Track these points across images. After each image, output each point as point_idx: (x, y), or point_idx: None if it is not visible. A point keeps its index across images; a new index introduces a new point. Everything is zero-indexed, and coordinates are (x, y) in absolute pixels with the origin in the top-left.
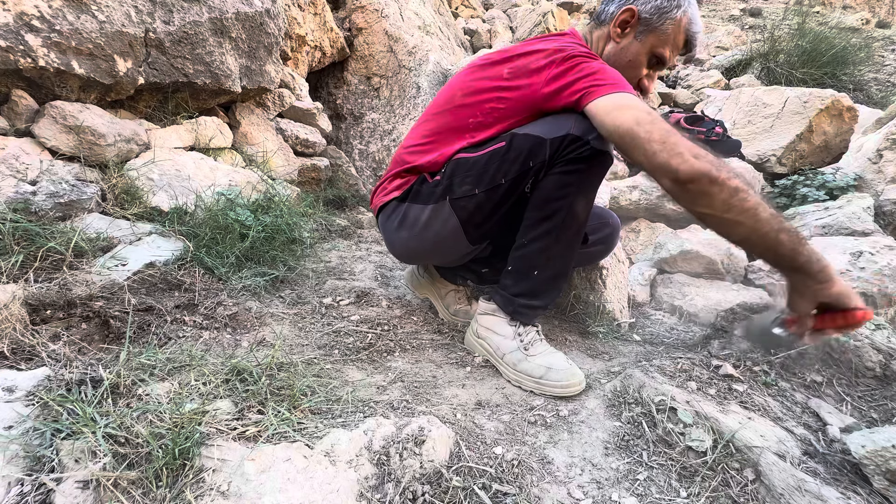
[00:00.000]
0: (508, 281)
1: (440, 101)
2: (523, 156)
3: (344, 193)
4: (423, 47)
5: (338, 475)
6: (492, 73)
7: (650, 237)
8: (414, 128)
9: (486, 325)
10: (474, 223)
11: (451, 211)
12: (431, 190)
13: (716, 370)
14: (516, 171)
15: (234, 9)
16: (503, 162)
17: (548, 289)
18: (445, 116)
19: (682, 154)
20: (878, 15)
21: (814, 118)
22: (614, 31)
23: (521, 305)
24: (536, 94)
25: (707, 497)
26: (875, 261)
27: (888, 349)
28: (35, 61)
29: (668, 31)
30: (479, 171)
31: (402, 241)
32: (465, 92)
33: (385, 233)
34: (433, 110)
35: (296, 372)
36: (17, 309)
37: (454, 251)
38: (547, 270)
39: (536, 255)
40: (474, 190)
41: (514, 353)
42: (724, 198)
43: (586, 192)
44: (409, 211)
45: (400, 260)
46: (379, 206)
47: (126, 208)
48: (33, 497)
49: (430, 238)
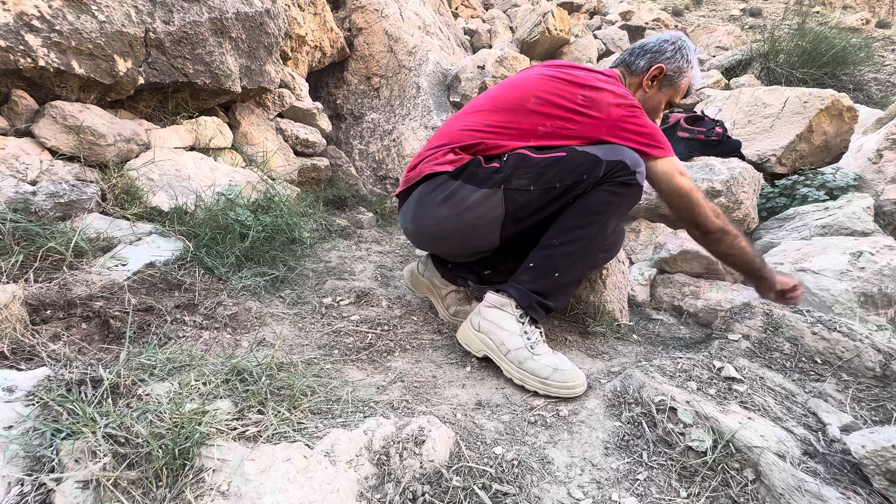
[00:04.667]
0: (526, 277)
1: (510, 98)
2: (581, 169)
3: (344, 193)
4: (423, 47)
5: (338, 475)
6: (567, 91)
7: (650, 237)
8: (472, 112)
9: (491, 319)
10: (516, 218)
11: (502, 199)
12: (489, 175)
13: (718, 372)
14: (571, 181)
15: (234, 9)
16: (562, 169)
17: (563, 293)
18: (516, 116)
19: (711, 217)
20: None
21: (814, 118)
22: (647, 82)
23: (536, 302)
24: (603, 128)
25: (707, 497)
26: (875, 261)
27: (888, 349)
28: (35, 61)
29: (682, 85)
30: (540, 170)
31: (440, 218)
32: (540, 100)
33: (420, 205)
34: (500, 104)
35: (296, 372)
36: (17, 309)
37: (478, 243)
38: (566, 276)
39: (562, 259)
40: (530, 186)
41: (521, 351)
42: (730, 241)
43: (620, 214)
44: (459, 189)
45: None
46: (426, 174)
47: (126, 208)
48: (33, 497)
49: (469, 221)
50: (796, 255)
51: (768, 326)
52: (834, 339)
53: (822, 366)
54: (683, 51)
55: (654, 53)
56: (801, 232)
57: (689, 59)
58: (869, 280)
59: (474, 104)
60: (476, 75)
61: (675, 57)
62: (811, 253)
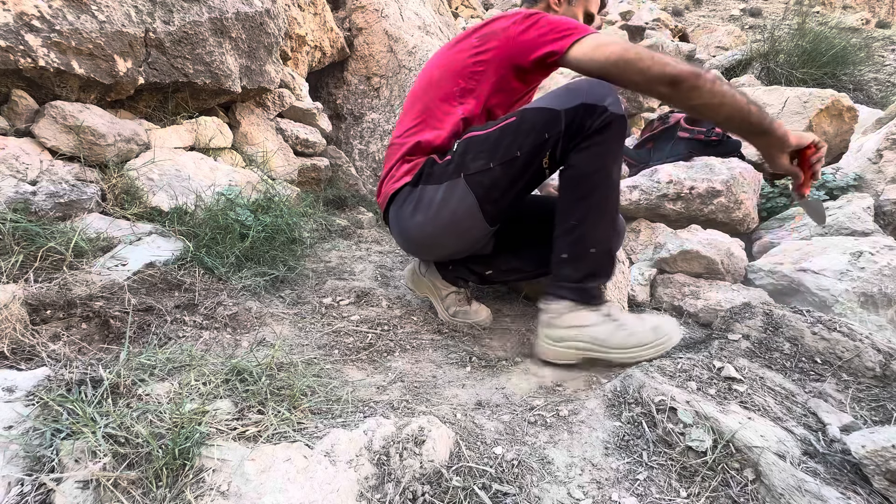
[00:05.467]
0: (568, 270)
1: (419, 87)
2: (538, 127)
3: (344, 193)
4: (423, 47)
5: (338, 475)
6: (462, 46)
7: (650, 237)
8: (400, 120)
9: (571, 324)
10: (491, 199)
11: (466, 187)
12: (444, 169)
13: (718, 372)
14: (532, 144)
15: (234, 9)
16: (517, 135)
17: (607, 261)
18: (429, 94)
19: (670, 63)
20: (878, 15)
21: (814, 118)
22: (553, 2)
23: (592, 288)
24: (513, 47)
25: (707, 497)
26: (875, 261)
27: (888, 349)
28: (35, 61)
29: None
30: (492, 144)
31: (418, 227)
32: (442, 69)
33: (399, 222)
34: (415, 96)
35: (296, 372)
36: (17, 309)
37: (470, 234)
38: (603, 244)
39: (591, 234)
40: (489, 164)
41: (616, 334)
42: (710, 87)
43: (616, 157)
44: (423, 193)
45: (413, 252)
46: (391, 194)
47: (126, 208)
48: (33, 497)
49: (447, 219)
50: (796, 255)
51: (768, 326)
52: (834, 339)
53: (822, 366)
54: None
55: None
56: (801, 232)
57: None
58: (869, 280)
59: (403, 107)
60: None
61: None
62: (811, 253)
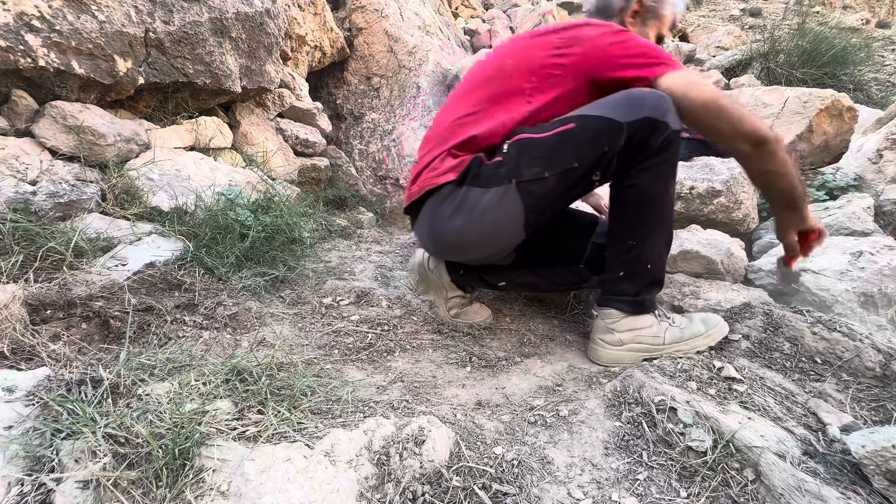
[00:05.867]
0: (625, 286)
1: (488, 69)
2: (599, 139)
3: (344, 193)
4: (423, 47)
5: (338, 475)
6: (541, 42)
7: None
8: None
9: (630, 327)
10: (538, 209)
11: (516, 195)
12: (493, 171)
13: (718, 372)
14: (591, 156)
15: (234, 9)
16: (576, 144)
17: (662, 272)
18: (498, 83)
19: (758, 121)
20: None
21: (814, 118)
22: (628, 20)
23: (647, 300)
24: (598, 58)
25: (707, 497)
26: (875, 261)
27: (888, 349)
28: (35, 61)
29: (667, 15)
30: (549, 152)
31: (455, 230)
32: (516, 61)
33: (433, 221)
34: (480, 79)
35: (296, 372)
36: (17, 309)
37: (505, 243)
38: (659, 260)
39: (649, 249)
40: (544, 173)
41: (670, 331)
42: (782, 156)
43: (675, 175)
44: (467, 195)
45: (435, 251)
46: (430, 189)
47: (126, 208)
48: (33, 497)
49: (488, 226)
50: None
51: (768, 326)
52: (834, 339)
53: (822, 366)
54: None
55: None
56: None
57: None
58: (869, 280)
59: (456, 90)
60: None
61: None
62: (811, 253)
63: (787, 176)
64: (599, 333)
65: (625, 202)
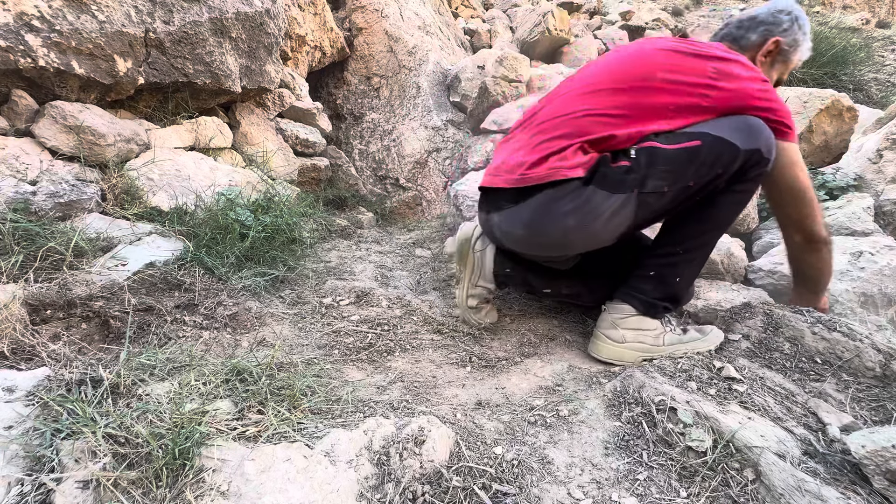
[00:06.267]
0: (648, 286)
1: (633, 74)
2: (719, 162)
3: (344, 193)
4: (423, 47)
5: (338, 475)
6: (694, 65)
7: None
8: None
9: (635, 327)
10: (641, 222)
11: (635, 205)
12: (621, 177)
13: (718, 372)
14: (707, 178)
15: (234, 9)
16: (699, 164)
17: (686, 294)
18: (644, 94)
19: (823, 226)
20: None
21: (814, 118)
22: (761, 58)
23: (663, 308)
24: (741, 100)
25: (707, 497)
26: (875, 261)
27: (888, 349)
28: (35, 61)
29: (794, 60)
30: (675, 168)
31: (563, 230)
32: (667, 76)
33: (540, 213)
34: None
35: (296, 372)
36: (17, 309)
37: (592, 246)
38: (689, 277)
39: (686, 265)
40: (664, 187)
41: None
42: (827, 253)
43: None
44: (592, 197)
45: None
46: (555, 180)
47: (126, 208)
48: (33, 497)
49: (595, 230)
50: None
51: (768, 326)
52: (834, 339)
53: (822, 366)
54: (800, 21)
55: (769, 25)
56: None
57: (805, 30)
58: (869, 280)
59: (591, 80)
60: (476, 75)
61: (791, 29)
62: None
63: (820, 270)
64: (604, 328)
65: (693, 213)
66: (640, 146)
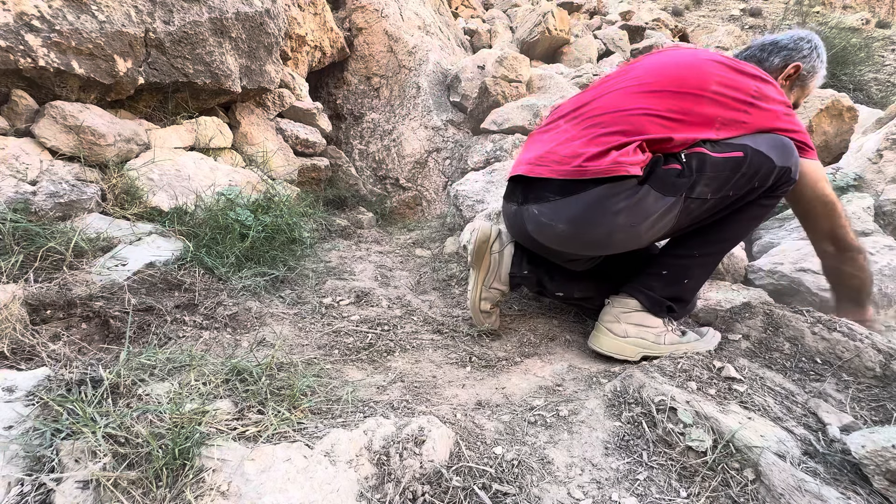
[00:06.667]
0: (656, 284)
1: (690, 80)
2: (757, 176)
3: (344, 193)
4: (423, 47)
5: (338, 475)
6: (742, 83)
7: None
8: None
9: (636, 323)
10: (678, 228)
11: (680, 210)
12: (674, 180)
13: (718, 372)
14: (745, 188)
15: (234, 9)
16: (740, 176)
17: (692, 297)
18: (697, 102)
19: (853, 234)
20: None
21: (814, 118)
22: (781, 81)
23: (668, 307)
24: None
25: (707, 497)
26: (875, 261)
27: (888, 349)
28: (35, 61)
29: (811, 86)
30: (720, 176)
31: (609, 227)
32: (719, 89)
33: (594, 210)
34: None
35: (296, 372)
36: (17, 309)
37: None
38: (697, 281)
39: (697, 269)
40: (708, 195)
41: (670, 335)
42: (861, 260)
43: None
44: (645, 197)
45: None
46: (616, 175)
47: (126, 208)
48: (33, 497)
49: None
50: (796, 255)
51: (768, 326)
52: (834, 339)
53: (822, 366)
54: (818, 50)
55: (790, 51)
56: (802, 232)
57: (822, 59)
58: None
59: (646, 80)
60: (476, 75)
61: (811, 56)
62: (811, 253)
63: (861, 279)
64: (607, 322)
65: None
66: (690, 151)
